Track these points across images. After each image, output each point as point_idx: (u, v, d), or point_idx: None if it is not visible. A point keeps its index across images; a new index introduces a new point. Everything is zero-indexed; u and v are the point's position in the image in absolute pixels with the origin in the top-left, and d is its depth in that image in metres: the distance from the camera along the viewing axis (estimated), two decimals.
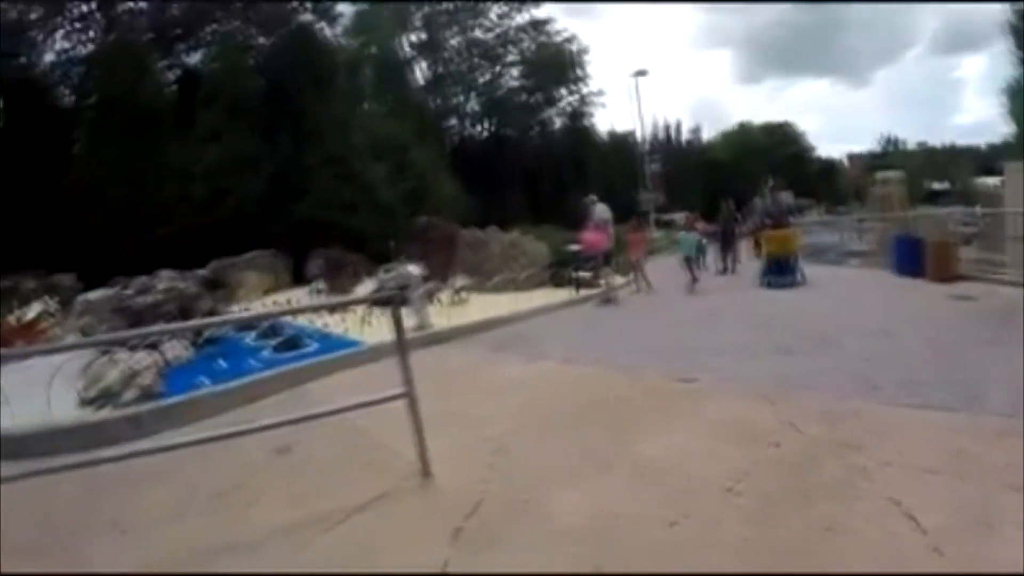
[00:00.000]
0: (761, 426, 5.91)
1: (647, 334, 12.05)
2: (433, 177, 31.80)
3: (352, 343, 12.18)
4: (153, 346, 12.14)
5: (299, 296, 19.62)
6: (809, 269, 17.39)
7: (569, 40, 51.12)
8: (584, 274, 17.43)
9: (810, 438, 5.55)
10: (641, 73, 48.61)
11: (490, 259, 20.04)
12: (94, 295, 14.94)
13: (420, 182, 29.88)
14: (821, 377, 7.45)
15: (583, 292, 16.87)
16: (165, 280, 15.35)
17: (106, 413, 8.68)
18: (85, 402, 9.37)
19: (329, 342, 12.47)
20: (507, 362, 10.21)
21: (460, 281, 17.98)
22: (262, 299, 20.26)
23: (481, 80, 50.76)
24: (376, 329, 12.76)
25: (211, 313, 14.71)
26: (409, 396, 5.28)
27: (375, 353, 10.62)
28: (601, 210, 17.02)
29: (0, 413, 8.55)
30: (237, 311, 18.77)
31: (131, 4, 31.50)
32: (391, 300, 6.99)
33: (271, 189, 25.08)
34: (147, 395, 9.36)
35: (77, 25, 31.69)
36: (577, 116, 52.80)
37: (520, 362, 10.09)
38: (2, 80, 28.76)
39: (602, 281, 16.77)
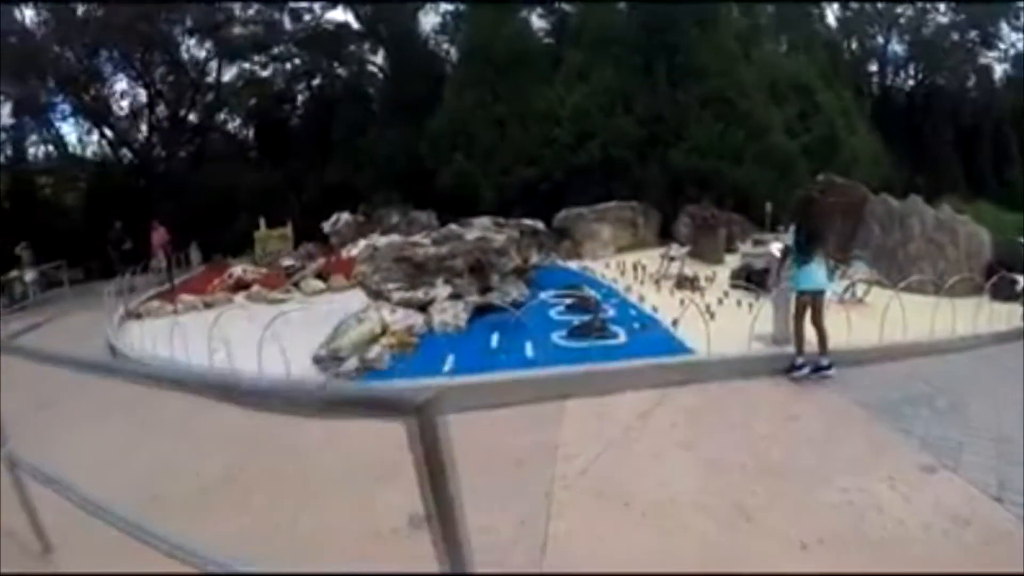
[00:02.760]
0: None
1: None
2: (846, 128, 25.52)
3: (676, 345, 8.80)
4: (423, 307, 10.37)
5: (649, 260, 15.61)
6: None
7: None
8: None
9: None
10: None
11: (905, 243, 14.28)
12: (382, 240, 12.35)
13: (828, 132, 23.90)
14: None
15: None
16: (476, 229, 12.32)
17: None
18: (316, 360, 8.68)
19: (646, 338, 9.30)
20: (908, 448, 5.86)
21: (858, 270, 12.53)
22: (610, 257, 16.73)
23: (902, 18, 41.13)
24: (724, 325, 9.34)
25: (518, 272, 11.55)
26: None
27: (701, 371, 7.94)
28: None
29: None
30: (574, 267, 15.65)
31: None
32: None
33: (643, 132, 21.49)
34: (367, 368, 8.25)
35: None
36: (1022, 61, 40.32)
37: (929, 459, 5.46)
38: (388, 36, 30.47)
39: None
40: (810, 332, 7.91)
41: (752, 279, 12.28)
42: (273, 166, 33.32)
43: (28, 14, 29.03)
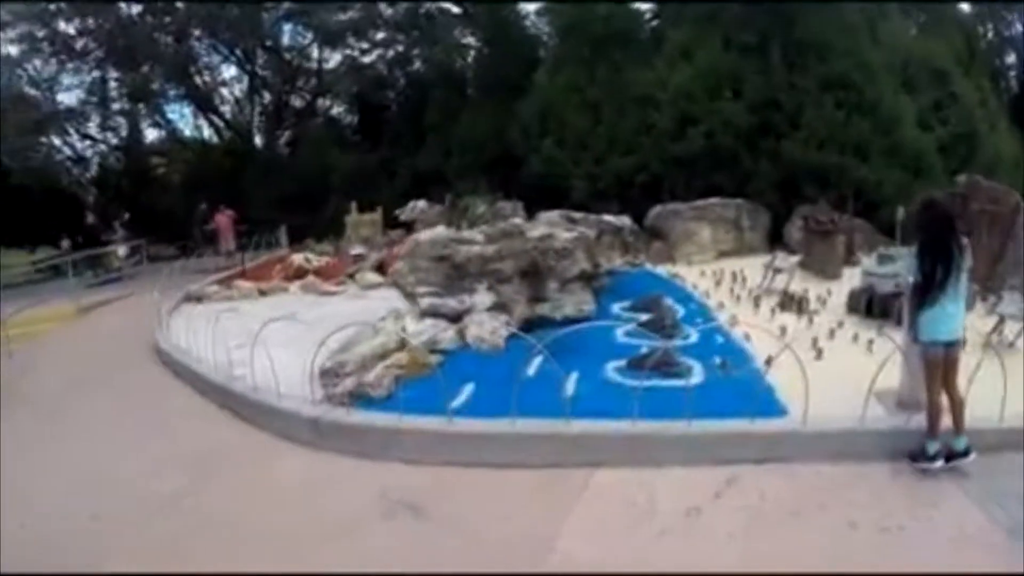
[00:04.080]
0: None
1: None
2: (986, 123, 22.39)
3: (764, 397, 6.69)
4: (456, 318, 9.02)
5: (752, 268, 13.47)
6: None
7: None
8: None
9: None
10: None
11: None
12: (425, 235, 10.81)
13: (968, 127, 20.90)
14: None
15: None
16: (541, 224, 10.67)
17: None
18: (323, 373, 7.47)
19: (726, 381, 7.35)
20: None
21: (1010, 303, 9.88)
22: (708, 263, 14.75)
23: None
24: (833, 370, 7.29)
25: (585, 278, 9.76)
26: None
27: (789, 445, 6.07)
28: None
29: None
30: (664, 273, 13.72)
31: None
32: None
33: (753, 119, 19.02)
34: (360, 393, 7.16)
35: None
36: None
37: None
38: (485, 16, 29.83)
39: None
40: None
41: (874, 306, 10.16)
42: (368, 150, 33.41)
43: (135, 8, 31.39)
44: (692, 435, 5.92)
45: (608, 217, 13.30)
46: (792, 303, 10.97)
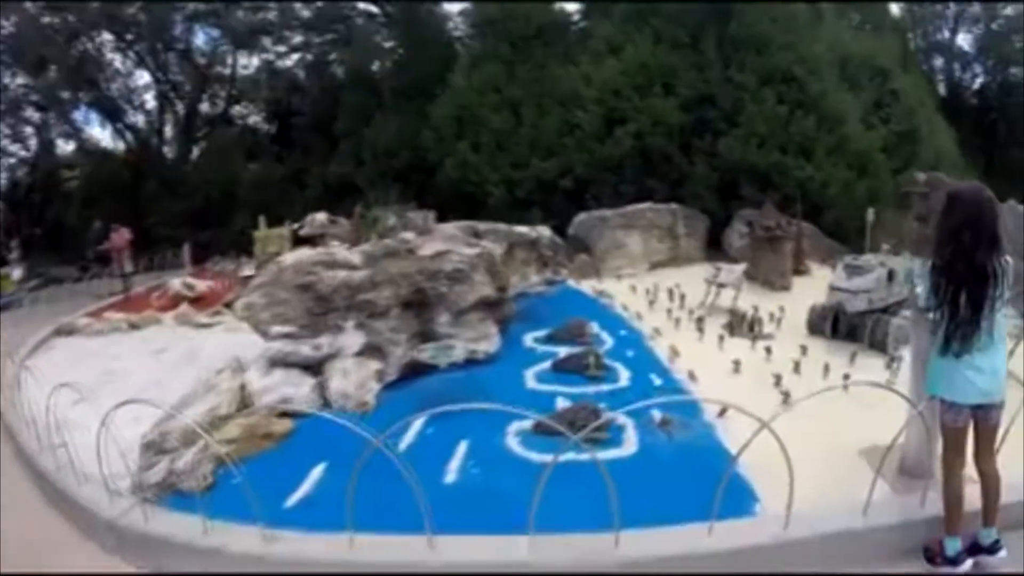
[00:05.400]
0: None
1: None
2: (926, 120, 21.28)
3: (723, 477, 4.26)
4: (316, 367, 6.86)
5: (690, 281, 11.55)
6: None
7: None
8: None
9: None
10: None
11: None
12: (289, 258, 8.66)
13: (909, 125, 19.68)
14: None
15: None
16: (437, 240, 8.64)
17: None
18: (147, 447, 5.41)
19: (669, 449, 5.50)
20: None
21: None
22: (640, 276, 12.89)
23: (971, 7, 37.12)
24: (805, 423, 5.02)
25: (488, 306, 7.71)
26: None
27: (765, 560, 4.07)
28: None
29: None
30: (589, 291, 11.79)
31: None
32: None
33: (688, 117, 17.44)
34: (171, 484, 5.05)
35: None
36: None
37: None
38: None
39: None
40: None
41: (840, 326, 8.40)
42: (278, 160, 31.47)
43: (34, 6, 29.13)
44: (625, 559, 3.87)
45: (521, 228, 11.25)
46: (742, 325, 9.09)
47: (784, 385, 6.59)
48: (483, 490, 4.81)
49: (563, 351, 7.89)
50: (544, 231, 11.64)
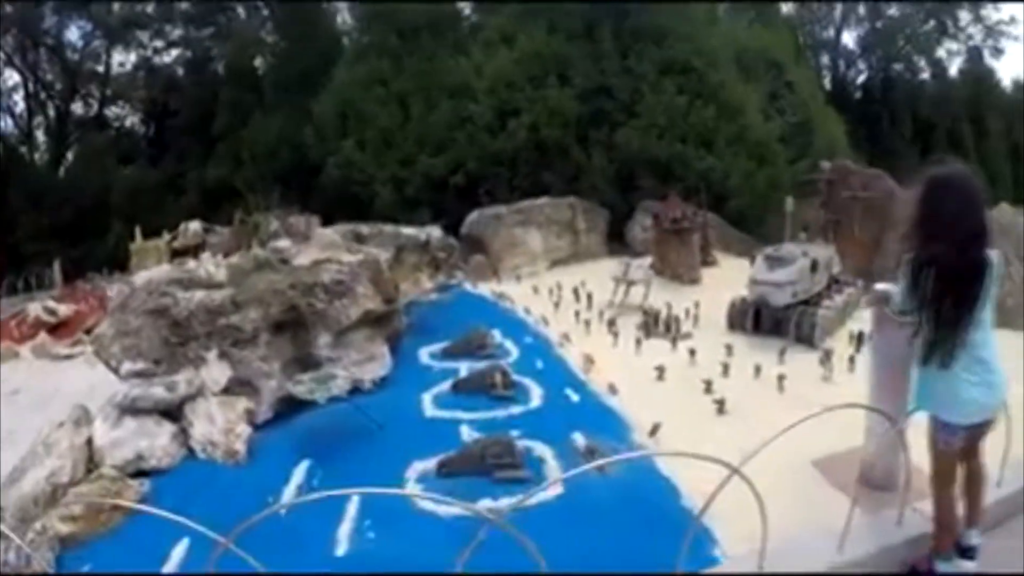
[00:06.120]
0: None
1: None
2: (818, 112, 21.45)
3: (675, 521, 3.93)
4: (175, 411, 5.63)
5: (595, 278, 10.68)
6: None
7: None
8: None
9: None
10: None
11: None
12: (141, 277, 7.40)
13: (804, 116, 19.71)
14: None
15: None
16: (313, 248, 7.57)
17: None
18: None
19: (605, 496, 4.45)
20: None
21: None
22: (540, 276, 11.98)
23: (857, 7, 38.92)
24: (748, 430, 4.92)
25: (375, 321, 6.67)
26: None
27: None
28: None
29: None
30: (487, 294, 10.79)
31: None
32: None
33: (584, 108, 16.65)
34: None
35: None
36: (978, 54, 38.02)
37: None
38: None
39: None
40: None
41: (763, 321, 7.72)
42: (151, 164, 29.13)
43: None
44: None
45: (409, 229, 10.17)
46: (658, 325, 8.23)
47: (715, 390, 5.78)
48: (385, 561, 3.74)
49: (464, 367, 6.86)
50: (435, 231, 10.59)
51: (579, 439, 5.07)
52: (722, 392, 5.79)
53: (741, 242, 14.43)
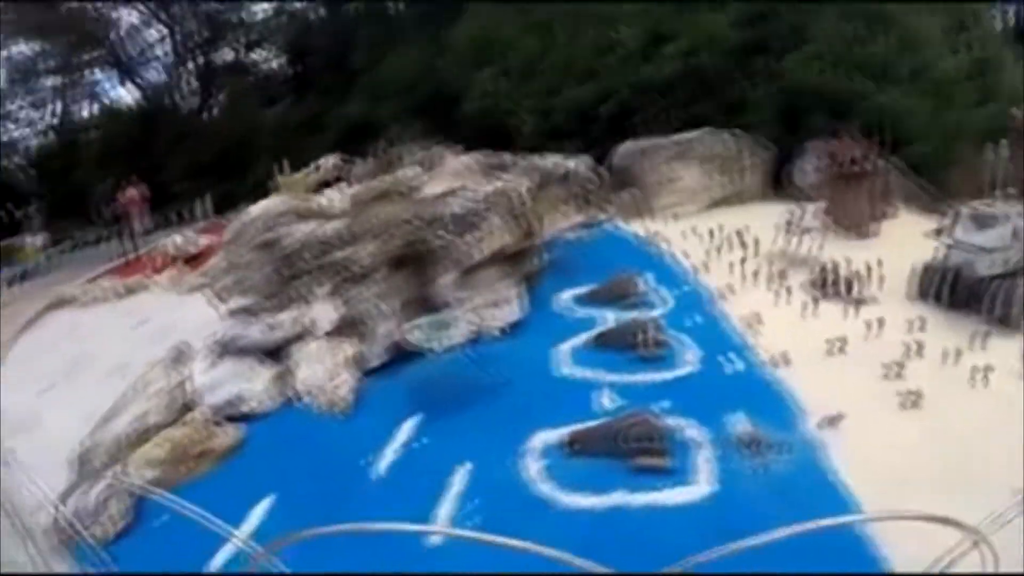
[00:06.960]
0: None
1: None
2: (1003, 49, 18.50)
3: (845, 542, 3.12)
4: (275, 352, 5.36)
5: (758, 222, 9.61)
6: None
7: None
8: None
9: None
10: None
11: None
12: (255, 209, 6.99)
13: (991, 52, 17.11)
14: None
15: None
16: (446, 177, 7.01)
17: None
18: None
19: (762, 496, 3.60)
20: None
21: None
22: (697, 216, 10.95)
23: None
24: (945, 435, 4.10)
25: (508, 260, 6.26)
26: None
27: None
28: None
29: None
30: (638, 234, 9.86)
31: None
32: None
33: (744, 34, 15.19)
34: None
35: None
36: None
37: None
38: None
39: None
40: None
41: (958, 292, 6.53)
42: (294, 103, 30.26)
43: None
44: None
45: (554, 158, 9.38)
46: (832, 283, 7.14)
47: (907, 377, 4.79)
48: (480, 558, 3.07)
49: (608, 316, 6.08)
50: (583, 162, 9.75)
51: (740, 422, 4.24)
52: (910, 379, 4.83)
53: (921, 193, 12.81)
